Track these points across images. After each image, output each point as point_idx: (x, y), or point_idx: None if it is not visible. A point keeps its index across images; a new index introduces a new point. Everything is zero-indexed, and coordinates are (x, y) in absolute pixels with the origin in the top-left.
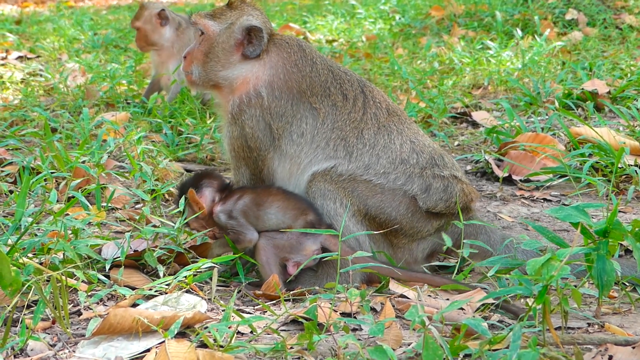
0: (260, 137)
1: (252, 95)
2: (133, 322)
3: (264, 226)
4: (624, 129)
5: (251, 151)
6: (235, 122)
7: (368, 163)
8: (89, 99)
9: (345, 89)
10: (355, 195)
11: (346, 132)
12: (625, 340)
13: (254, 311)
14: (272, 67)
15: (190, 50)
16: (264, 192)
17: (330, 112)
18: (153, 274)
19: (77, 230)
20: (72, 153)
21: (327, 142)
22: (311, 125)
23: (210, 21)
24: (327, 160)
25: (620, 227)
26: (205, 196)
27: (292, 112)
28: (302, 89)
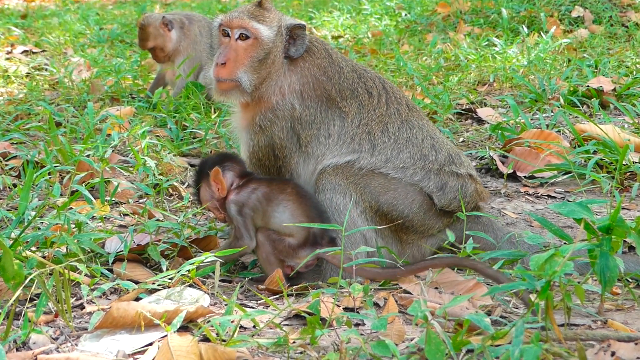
0: (287, 146)
1: (283, 106)
2: (136, 315)
3: (268, 224)
4: (629, 126)
5: (277, 159)
6: (263, 132)
7: (389, 157)
8: (93, 93)
9: (370, 86)
10: (367, 191)
11: (372, 126)
12: (628, 336)
13: (256, 305)
14: (302, 75)
15: (229, 56)
16: (278, 187)
17: (358, 112)
18: (156, 268)
19: (80, 224)
20: (76, 147)
21: (352, 138)
22: (339, 126)
23: (260, 24)
24: (350, 154)
25: (623, 223)
26: (226, 178)
27: (322, 118)
28: (332, 96)
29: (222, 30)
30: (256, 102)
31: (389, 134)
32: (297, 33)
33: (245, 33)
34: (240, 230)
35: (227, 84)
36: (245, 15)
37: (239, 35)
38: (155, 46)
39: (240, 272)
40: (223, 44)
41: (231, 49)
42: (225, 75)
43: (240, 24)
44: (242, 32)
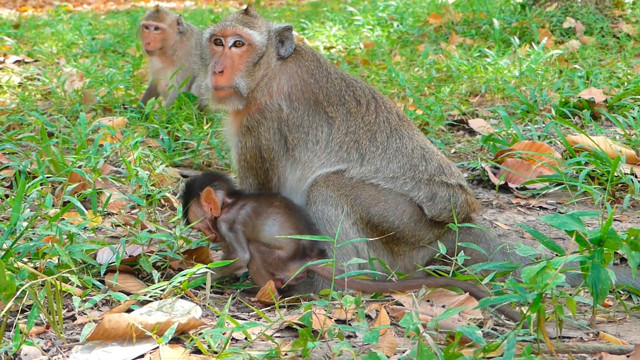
0: (275, 148)
1: (271, 107)
2: (127, 327)
3: (257, 237)
4: (621, 137)
5: (264, 161)
6: (250, 133)
7: (379, 167)
8: (86, 103)
9: (358, 95)
10: (358, 202)
11: (359, 135)
12: (620, 349)
13: (248, 317)
14: (291, 76)
15: (225, 63)
16: (266, 201)
17: (345, 119)
18: (148, 279)
19: (72, 235)
20: (69, 158)
21: (340, 146)
22: (326, 133)
23: (252, 31)
24: (339, 163)
25: (614, 235)
26: (218, 197)
27: (309, 122)
28: (319, 99)
29: (215, 40)
30: (246, 105)
31: (377, 143)
32: (285, 35)
33: (240, 40)
34: (234, 245)
35: (225, 92)
36: (237, 23)
37: (233, 43)
38: (164, 32)
39: (232, 284)
40: (216, 54)
41: (226, 57)
42: (223, 82)
43: (234, 32)
44: (237, 39)
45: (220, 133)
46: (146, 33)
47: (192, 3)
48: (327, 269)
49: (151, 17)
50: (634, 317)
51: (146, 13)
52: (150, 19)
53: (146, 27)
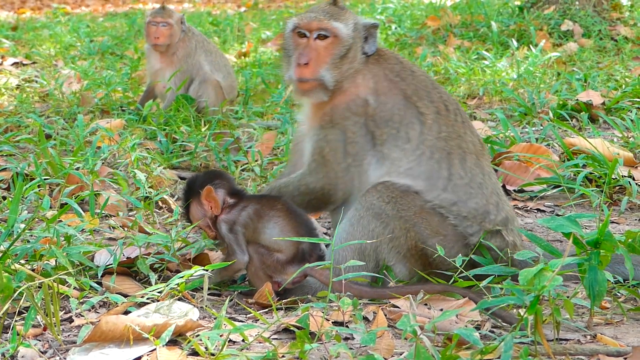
0: (360, 142)
1: (358, 101)
2: (124, 329)
3: (258, 239)
4: (618, 140)
5: (346, 156)
6: (334, 126)
7: (458, 200)
8: (84, 105)
9: (445, 98)
10: (415, 230)
11: (451, 146)
12: (617, 351)
13: (245, 319)
14: (375, 74)
15: (310, 56)
16: (268, 204)
17: (436, 119)
18: (145, 281)
19: (69, 237)
20: (66, 160)
21: (432, 153)
22: (418, 131)
23: (338, 23)
24: (424, 178)
25: (611, 238)
26: (218, 196)
27: (400, 117)
28: (407, 94)
29: (298, 32)
30: (330, 98)
31: (465, 169)
32: (371, 32)
33: (325, 33)
34: (233, 246)
35: (310, 84)
36: (322, 15)
37: (317, 35)
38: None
39: (230, 285)
40: (300, 45)
41: (311, 48)
42: (308, 75)
43: (319, 26)
44: (321, 32)
45: (217, 135)
46: (154, 29)
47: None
48: (325, 273)
49: (158, 14)
50: (631, 319)
51: (151, 11)
52: (158, 16)
53: (153, 24)
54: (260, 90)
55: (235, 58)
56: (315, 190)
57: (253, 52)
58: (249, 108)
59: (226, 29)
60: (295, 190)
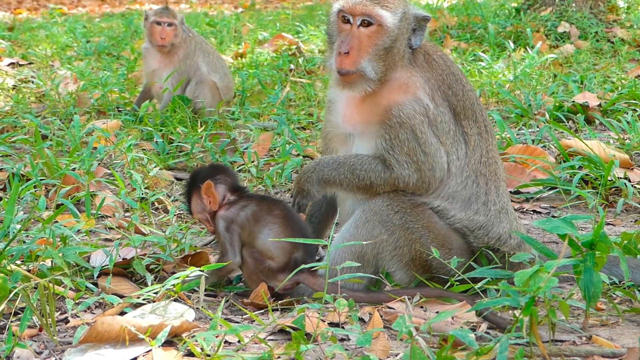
0: (433, 143)
1: (420, 102)
2: (120, 330)
3: (252, 243)
4: (614, 142)
5: (426, 155)
6: (401, 125)
7: (485, 224)
8: (80, 106)
9: (485, 118)
10: (422, 241)
11: (490, 172)
12: (612, 352)
13: (241, 320)
14: (428, 80)
15: (352, 44)
16: (267, 207)
17: (478, 142)
18: (141, 282)
19: (65, 237)
20: (62, 160)
21: (476, 176)
22: (464, 152)
23: (385, 11)
24: (463, 202)
25: (606, 239)
26: (218, 192)
27: (454, 132)
28: (456, 111)
29: (342, 17)
30: (382, 93)
31: (499, 195)
32: (421, 25)
33: (369, 19)
34: (226, 246)
35: (350, 76)
36: (368, 1)
37: (361, 22)
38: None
39: (225, 286)
40: (343, 32)
41: (354, 36)
42: (348, 65)
43: (363, 11)
44: (365, 18)
45: (214, 136)
46: (159, 29)
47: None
48: (318, 282)
49: (164, 14)
50: (626, 321)
51: (156, 10)
52: (164, 16)
53: (158, 24)
54: (257, 91)
55: (232, 59)
56: (408, 185)
57: (250, 53)
58: (245, 109)
59: (223, 30)
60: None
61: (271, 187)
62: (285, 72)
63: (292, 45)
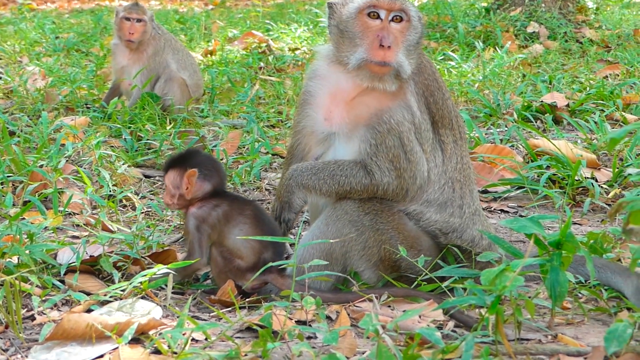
0: (417, 151)
1: (407, 108)
2: (87, 327)
3: (222, 242)
4: (582, 142)
5: (410, 163)
6: (389, 132)
7: (459, 226)
8: (48, 102)
9: (460, 125)
10: (391, 242)
11: (464, 177)
12: (577, 351)
13: (208, 318)
14: (416, 84)
15: (390, 39)
16: (239, 207)
17: (454, 149)
18: (109, 279)
19: (32, 234)
20: (30, 157)
21: (452, 183)
22: (441, 159)
23: (411, 6)
24: (438, 206)
25: (573, 239)
26: (199, 185)
27: (432, 140)
28: (435, 119)
29: (370, 13)
30: (374, 95)
31: (473, 198)
32: (423, 24)
33: (401, 14)
34: (194, 245)
35: (387, 68)
36: None
37: (392, 17)
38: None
39: (193, 284)
40: (372, 27)
41: (389, 31)
42: (390, 58)
43: (400, 6)
44: (399, 14)
45: (183, 134)
46: (128, 24)
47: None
48: (286, 283)
49: (134, 10)
50: (592, 320)
51: (125, 6)
52: (133, 12)
53: (127, 19)
54: (227, 88)
55: (202, 56)
56: (387, 192)
57: (220, 50)
58: (214, 106)
59: (193, 27)
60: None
61: (240, 185)
62: (255, 70)
63: (262, 43)
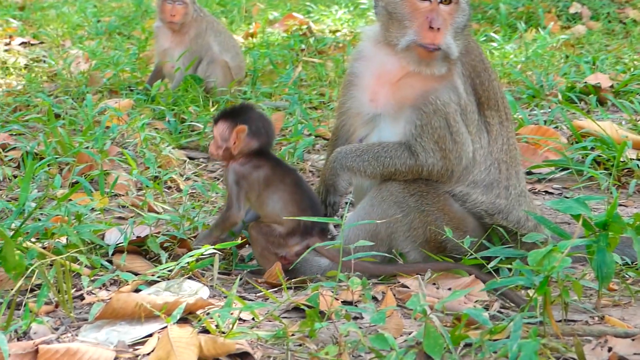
0: (463, 132)
1: (453, 89)
2: (136, 307)
3: (260, 207)
4: (627, 123)
5: (455, 144)
6: (436, 113)
7: (506, 207)
8: (92, 85)
9: (506, 106)
10: (437, 224)
11: (511, 158)
12: (625, 332)
13: (255, 298)
14: (463, 65)
15: (439, 21)
16: (280, 174)
17: (500, 131)
18: (155, 260)
19: (80, 215)
20: (76, 139)
21: (499, 164)
22: (486, 141)
23: None
24: (484, 187)
25: (620, 220)
26: (246, 141)
27: (478, 121)
28: (481, 101)
29: None
30: (421, 75)
31: (519, 179)
32: (469, 5)
33: None
34: (232, 199)
35: (436, 52)
36: None
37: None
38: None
39: (238, 264)
40: (421, 9)
41: (439, 13)
42: (439, 40)
43: None
44: None
45: None
46: (169, 7)
47: None
48: (332, 250)
49: None
50: (639, 301)
51: None
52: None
53: (169, 2)
54: (268, 70)
55: (243, 39)
56: (432, 173)
57: (260, 32)
58: (257, 88)
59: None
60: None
61: None
62: (296, 52)
63: (303, 25)
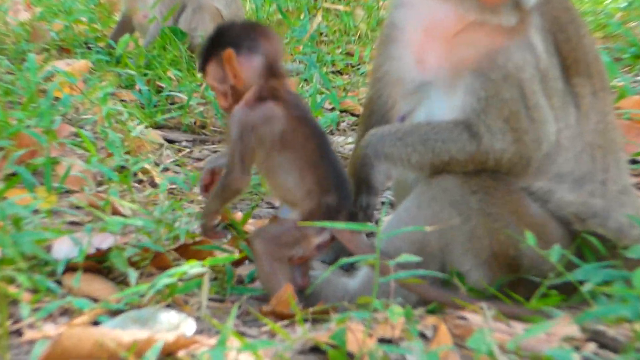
0: (543, 107)
1: (528, 47)
2: (94, 346)
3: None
4: None
5: (533, 123)
6: (506, 80)
7: (603, 209)
8: (35, 41)
9: (602, 71)
10: (511, 230)
11: (608, 142)
12: None
13: (258, 334)
14: (542, 15)
15: None
16: (303, 133)
17: (593, 104)
18: (122, 281)
19: (18, 219)
20: (13, 115)
21: (592, 150)
22: (574, 119)
23: None
24: (573, 182)
25: None
26: (245, 64)
27: (563, 92)
28: (567, 64)
29: None
30: (484, 30)
31: (620, 170)
32: None
33: None
34: (234, 159)
35: None
36: None
37: None
38: None
39: (235, 287)
40: None
41: None
42: None
43: None
44: None
45: None
46: None
47: None
48: (355, 241)
49: None
50: None
51: None
52: None
53: None
54: (276, 21)
55: None
56: (500, 162)
57: None
58: None
59: None
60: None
61: None
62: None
63: None
